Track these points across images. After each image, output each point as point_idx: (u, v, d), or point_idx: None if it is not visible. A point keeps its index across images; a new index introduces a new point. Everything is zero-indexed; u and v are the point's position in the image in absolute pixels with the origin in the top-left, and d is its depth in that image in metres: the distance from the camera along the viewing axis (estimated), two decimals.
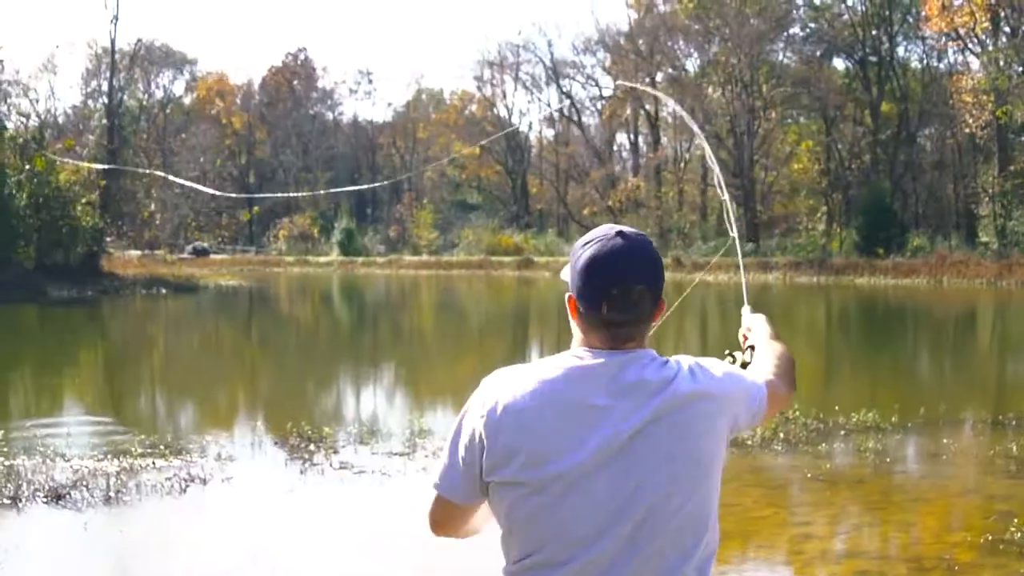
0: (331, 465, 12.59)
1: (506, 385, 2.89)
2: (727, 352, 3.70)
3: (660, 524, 2.81)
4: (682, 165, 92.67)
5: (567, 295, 2.99)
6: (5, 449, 13.21)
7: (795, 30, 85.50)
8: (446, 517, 3.04)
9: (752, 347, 3.73)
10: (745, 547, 9.41)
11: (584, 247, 2.93)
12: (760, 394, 3.13)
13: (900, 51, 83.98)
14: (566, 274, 3.02)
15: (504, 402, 2.85)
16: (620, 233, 2.91)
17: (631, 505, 2.79)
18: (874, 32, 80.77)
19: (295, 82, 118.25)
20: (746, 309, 4.17)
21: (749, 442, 13.42)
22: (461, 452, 2.92)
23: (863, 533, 10.21)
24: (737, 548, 9.34)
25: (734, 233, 4.86)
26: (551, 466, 2.79)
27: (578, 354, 2.91)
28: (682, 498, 2.84)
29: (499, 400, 2.86)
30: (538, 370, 2.89)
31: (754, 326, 3.87)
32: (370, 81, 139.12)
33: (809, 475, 11.91)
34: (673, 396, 2.84)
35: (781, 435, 13.73)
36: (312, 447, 13.49)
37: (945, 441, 13.80)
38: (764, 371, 3.37)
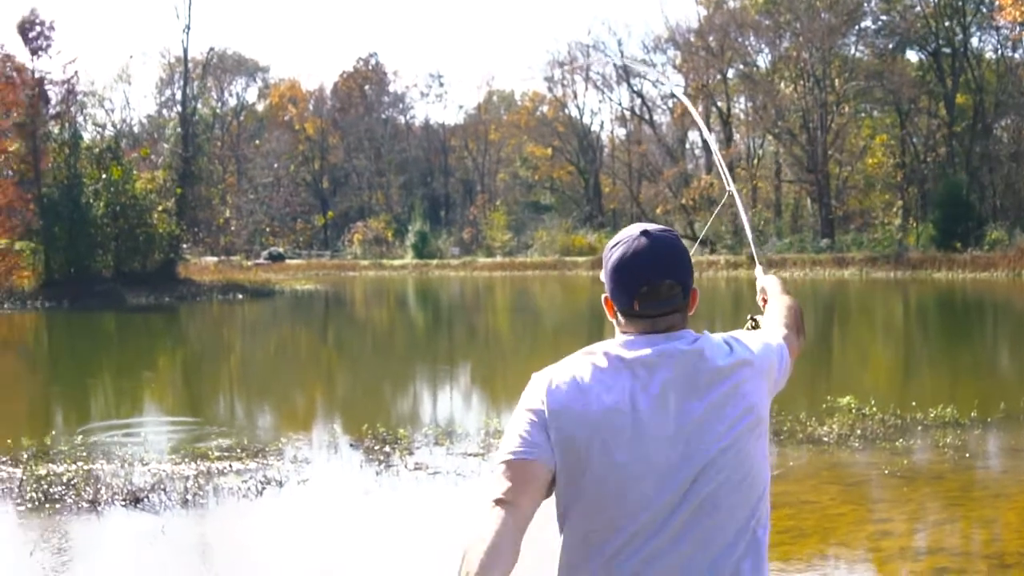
0: (406, 466, 12.62)
1: (556, 374, 2.96)
2: (749, 316, 3.80)
3: (716, 486, 2.85)
4: (755, 162, 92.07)
5: (603, 296, 3.12)
6: (85, 454, 13.36)
7: (867, 23, 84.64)
8: (518, 482, 2.85)
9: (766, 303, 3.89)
10: (823, 544, 9.34)
11: (612, 249, 3.06)
12: (783, 351, 3.25)
13: (974, 41, 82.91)
14: (603, 276, 3.11)
15: (557, 385, 2.93)
16: (644, 232, 3.01)
17: (682, 470, 2.84)
18: (947, 23, 79.86)
19: (367, 87, 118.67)
20: (759, 270, 4.26)
21: (826, 439, 13.32)
22: (524, 431, 2.93)
23: (942, 529, 10.08)
24: (815, 546, 9.27)
25: (731, 187, 4.90)
26: (602, 434, 2.85)
27: (618, 340, 3.00)
28: (737, 459, 2.89)
29: (551, 384, 2.94)
30: (585, 357, 2.98)
31: (768, 286, 3.98)
32: (441, 84, 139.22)
33: (887, 471, 11.79)
34: (716, 366, 2.93)
35: (858, 431, 13.62)
36: (388, 449, 13.53)
37: None
38: (777, 325, 3.50)
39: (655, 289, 2.96)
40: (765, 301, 3.95)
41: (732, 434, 2.90)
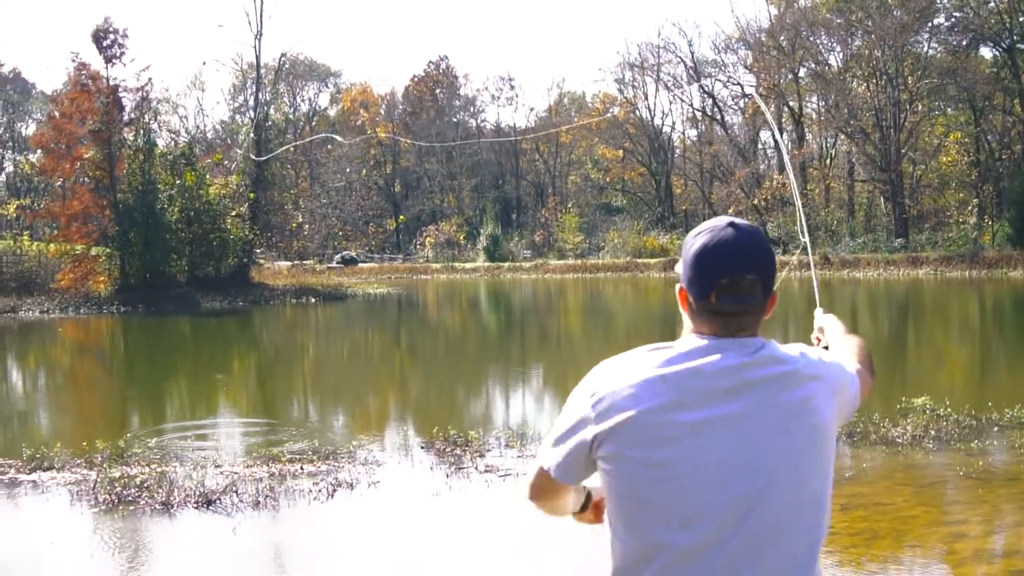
0: (477, 469, 12.63)
1: (615, 368, 2.93)
2: (817, 332, 3.81)
3: (777, 500, 2.80)
4: (828, 161, 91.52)
5: (678, 286, 3.03)
6: (158, 456, 13.52)
7: (939, 20, 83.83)
8: (542, 490, 3.16)
9: (826, 347, 3.75)
10: (897, 546, 9.25)
11: (695, 237, 2.96)
12: (855, 383, 3.18)
13: None
14: (680, 266, 3.02)
15: (614, 381, 2.88)
16: (732, 224, 2.92)
17: (744, 480, 2.78)
18: (1022, 19, 78.96)
19: (437, 90, 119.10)
20: (818, 311, 4.09)
21: (899, 440, 13.20)
22: (569, 430, 2.96)
23: (1018, 532, 9.97)
24: (889, 547, 9.19)
25: (805, 238, 4.95)
26: (661, 440, 2.80)
27: (687, 340, 2.93)
28: (802, 474, 2.84)
29: (609, 380, 2.90)
30: (647, 353, 2.93)
31: (827, 326, 3.89)
32: (512, 87, 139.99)
33: (962, 473, 11.67)
34: (785, 375, 2.87)
35: (932, 432, 13.50)
36: (458, 451, 13.56)
37: None
38: (850, 359, 3.42)
39: (736, 283, 2.87)
40: (819, 340, 3.91)
41: (798, 449, 2.84)
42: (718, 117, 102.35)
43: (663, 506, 2.80)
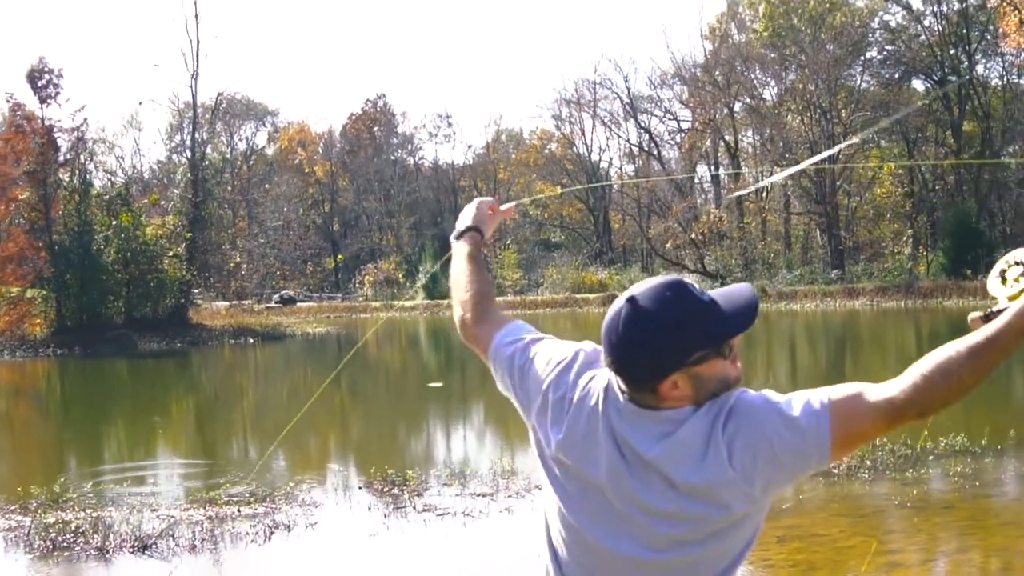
0: (415, 508, 12.61)
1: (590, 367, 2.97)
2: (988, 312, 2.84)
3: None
4: (764, 195, 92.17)
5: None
6: (94, 501, 13.40)
7: (872, 53, 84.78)
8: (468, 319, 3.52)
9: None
10: None
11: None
12: (824, 423, 2.65)
13: (980, 69, 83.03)
14: None
15: (579, 376, 2.95)
16: (631, 299, 2.75)
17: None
18: (952, 51, 79.96)
19: (375, 128, 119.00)
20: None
21: (835, 471, 13.27)
22: (540, 355, 3.12)
23: (954, 560, 10.05)
24: None
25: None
26: (573, 459, 2.83)
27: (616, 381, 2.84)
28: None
29: (579, 370, 2.97)
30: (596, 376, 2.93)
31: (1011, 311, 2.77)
32: (449, 124, 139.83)
33: (897, 502, 11.76)
34: (664, 488, 2.70)
35: (868, 462, 13.59)
36: (396, 490, 13.53)
37: None
38: (897, 383, 2.76)
39: (619, 369, 2.76)
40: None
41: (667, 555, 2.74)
42: (655, 152, 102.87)
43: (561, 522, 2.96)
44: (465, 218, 3.79)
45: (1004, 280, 2.85)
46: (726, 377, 2.74)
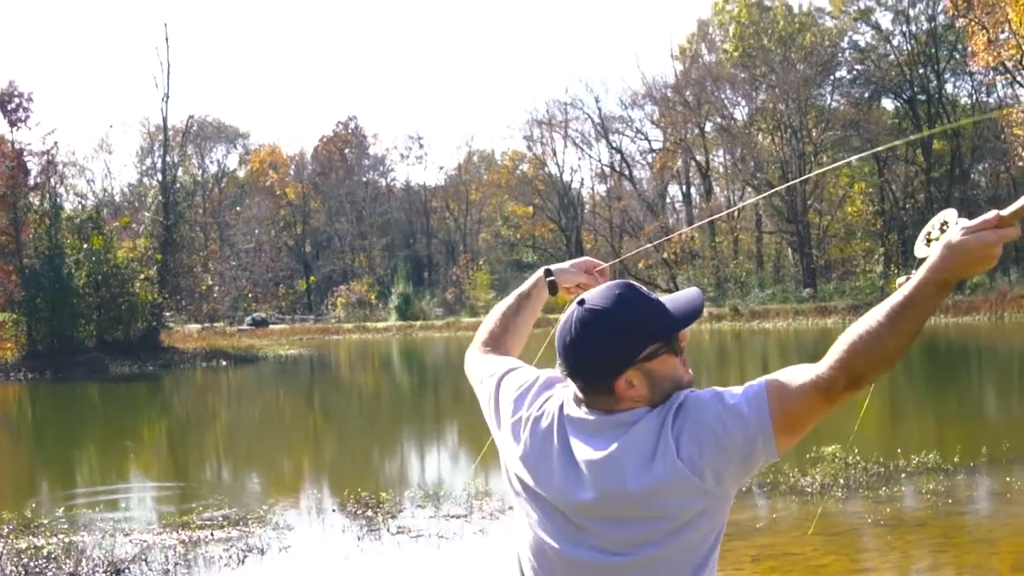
0: (388, 530, 12.58)
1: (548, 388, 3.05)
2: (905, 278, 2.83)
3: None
4: (736, 214, 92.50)
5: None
6: (66, 526, 13.32)
7: (842, 73, 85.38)
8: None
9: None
10: None
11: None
12: (755, 425, 2.66)
13: (949, 88, 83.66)
14: None
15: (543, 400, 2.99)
16: (581, 301, 2.88)
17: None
18: (921, 70, 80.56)
19: (347, 150, 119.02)
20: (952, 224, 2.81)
21: (808, 489, 13.31)
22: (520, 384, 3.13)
23: None
24: None
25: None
26: (529, 473, 2.88)
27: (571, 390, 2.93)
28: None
29: (537, 391, 3.05)
30: (553, 389, 3.04)
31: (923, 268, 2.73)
32: (421, 146, 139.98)
33: (870, 520, 11.78)
34: (623, 487, 2.70)
35: (841, 481, 13.62)
36: (370, 512, 13.50)
37: (1009, 480, 13.63)
38: (826, 357, 2.72)
39: (574, 371, 2.85)
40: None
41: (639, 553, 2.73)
42: (626, 172, 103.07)
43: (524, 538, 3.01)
44: (558, 264, 3.72)
45: (929, 243, 2.81)
46: (679, 378, 2.84)
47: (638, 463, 2.67)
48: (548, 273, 3.58)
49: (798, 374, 2.71)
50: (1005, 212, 2.61)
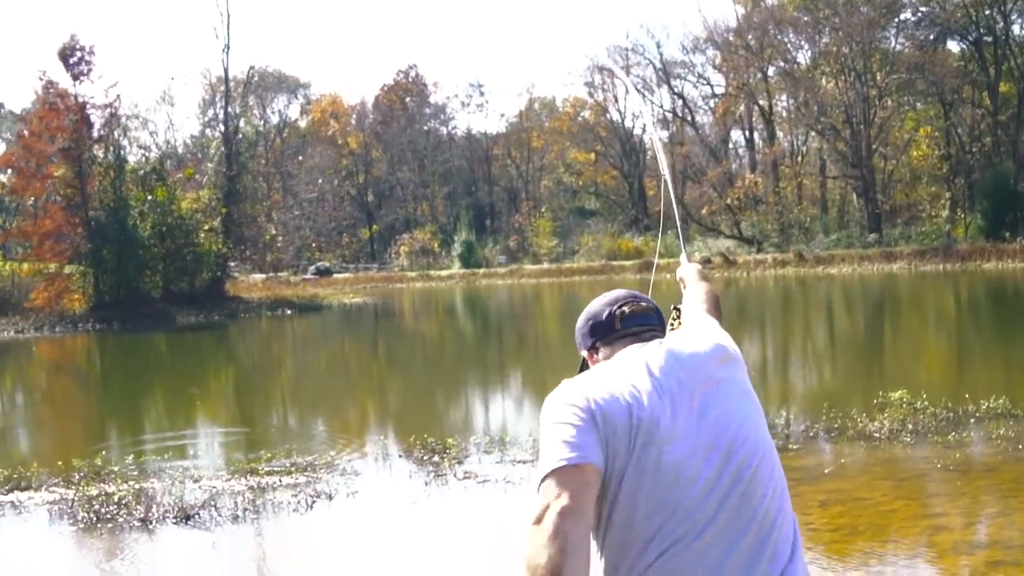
0: (455, 475, 12.61)
1: (587, 381, 3.03)
2: (673, 307, 3.90)
3: (745, 456, 2.96)
4: (799, 159, 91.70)
5: (584, 355, 3.39)
6: (136, 472, 13.45)
7: (906, 15, 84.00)
8: (578, 488, 2.71)
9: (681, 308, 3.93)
10: (878, 541, 9.26)
11: (584, 312, 3.41)
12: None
13: (1016, 29, 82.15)
14: (578, 361, 3.44)
15: (594, 389, 2.96)
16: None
17: (716, 448, 2.94)
18: (988, 12, 79.15)
19: (407, 99, 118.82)
20: (683, 257, 4.41)
21: (877, 434, 13.22)
22: (572, 435, 2.84)
23: (997, 522, 9.97)
24: (870, 542, 9.20)
25: (665, 173, 4.79)
26: (647, 436, 2.88)
27: (623, 353, 3.17)
28: (756, 432, 3.04)
29: (591, 389, 2.97)
30: (602, 369, 3.13)
31: (687, 274, 4.21)
32: (482, 93, 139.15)
33: (940, 465, 11.68)
34: (708, 355, 3.13)
35: (910, 426, 13.51)
36: (436, 458, 13.53)
37: None
38: (701, 312, 3.72)
39: (633, 307, 3.26)
40: (682, 283, 4.22)
41: (743, 410, 3.05)
42: (688, 118, 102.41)
43: (651, 497, 2.86)
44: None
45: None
46: None
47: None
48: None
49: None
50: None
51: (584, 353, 3.36)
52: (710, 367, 3.09)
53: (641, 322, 3.23)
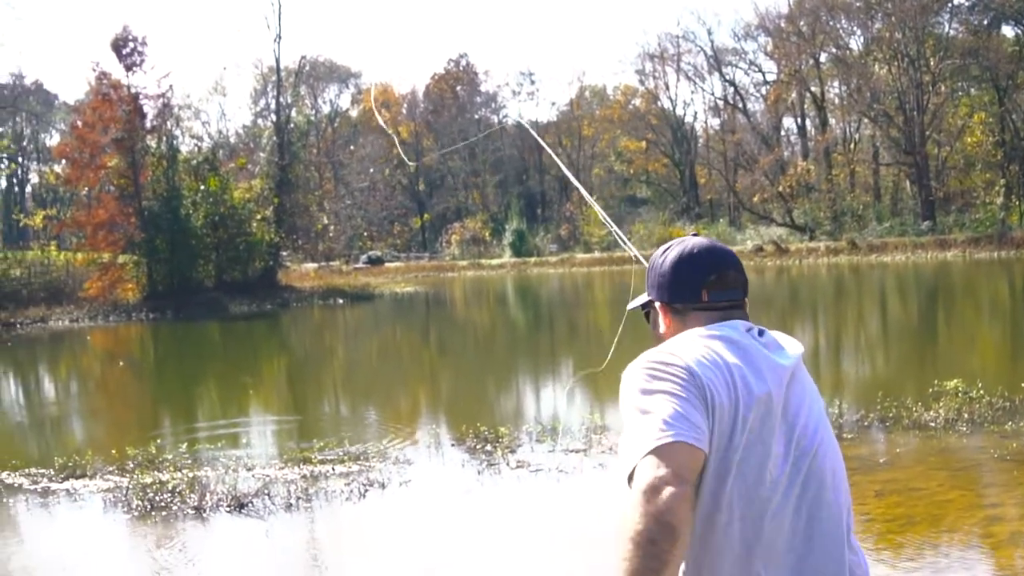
0: (508, 464, 12.61)
1: (687, 349, 2.80)
2: None
3: (820, 454, 2.86)
4: (852, 146, 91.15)
5: (657, 305, 3.11)
6: (190, 461, 13.52)
7: (960, 0, 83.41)
8: (689, 466, 2.55)
9: None
10: (933, 531, 9.18)
11: (665, 252, 3.09)
12: None
13: None
14: (639, 299, 3.24)
15: (698, 359, 2.75)
16: (695, 235, 3.11)
17: (793, 441, 2.82)
18: None
19: (458, 88, 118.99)
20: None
21: (932, 424, 13.12)
22: (685, 407, 2.62)
23: None
24: (925, 533, 9.12)
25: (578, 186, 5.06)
26: (744, 416, 2.74)
27: (713, 325, 2.94)
28: (828, 433, 2.94)
29: (695, 358, 2.75)
30: (694, 338, 2.87)
31: None
32: (532, 82, 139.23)
33: (996, 455, 11.59)
34: (791, 349, 2.95)
35: (965, 415, 13.40)
36: (489, 447, 13.53)
37: None
38: None
39: (723, 277, 2.98)
40: None
41: (818, 408, 2.94)
42: (740, 105, 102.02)
43: (747, 478, 2.73)
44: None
45: None
46: None
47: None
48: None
49: None
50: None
51: (654, 299, 3.10)
52: (797, 364, 2.93)
53: (730, 297, 2.99)
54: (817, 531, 2.80)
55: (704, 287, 2.96)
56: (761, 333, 2.94)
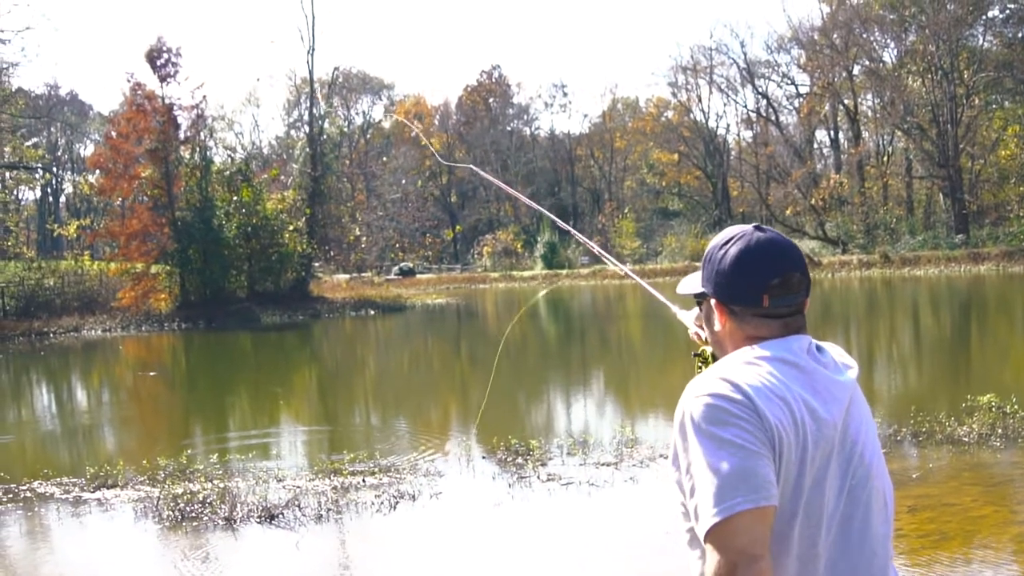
0: (539, 477, 12.58)
1: (748, 380, 2.65)
2: (694, 353, 3.51)
3: (870, 493, 2.77)
4: (885, 159, 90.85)
5: (712, 302, 2.90)
6: (220, 471, 13.55)
7: (994, 12, 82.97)
8: (764, 531, 2.50)
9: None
10: (966, 547, 9.12)
11: (725, 246, 2.86)
12: None
13: None
14: (693, 284, 3.02)
15: (763, 396, 2.62)
16: (758, 227, 2.85)
17: (848, 475, 2.74)
18: None
19: (491, 99, 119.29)
20: (674, 309, 4.26)
21: (966, 439, 13.04)
22: (757, 464, 2.53)
23: None
24: (958, 548, 9.06)
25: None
26: (809, 452, 2.65)
27: (775, 344, 2.78)
28: (881, 469, 2.85)
29: (759, 397, 2.61)
30: (755, 364, 2.72)
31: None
32: (565, 94, 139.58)
33: None
34: (851, 372, 2.86)
35: (999, 430, 13.31)
36: (520, 460, 13.51)
37: None
38: None
39: (787, 280, 2.77)
40: (699, 336, 3.58)
41: (873, 433, 2.86)
42: (773, 118, 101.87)
43: (808, 517, 2.68)
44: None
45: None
46: None
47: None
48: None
49: None
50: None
51: (710, 295, 2.90)
52: (854, 386, 2.81)
53: (793, 301, 2.78)
54: (862, 565, 2.74)
55: (766, 292, 2.76)
56: (819, 349, 2.84)
